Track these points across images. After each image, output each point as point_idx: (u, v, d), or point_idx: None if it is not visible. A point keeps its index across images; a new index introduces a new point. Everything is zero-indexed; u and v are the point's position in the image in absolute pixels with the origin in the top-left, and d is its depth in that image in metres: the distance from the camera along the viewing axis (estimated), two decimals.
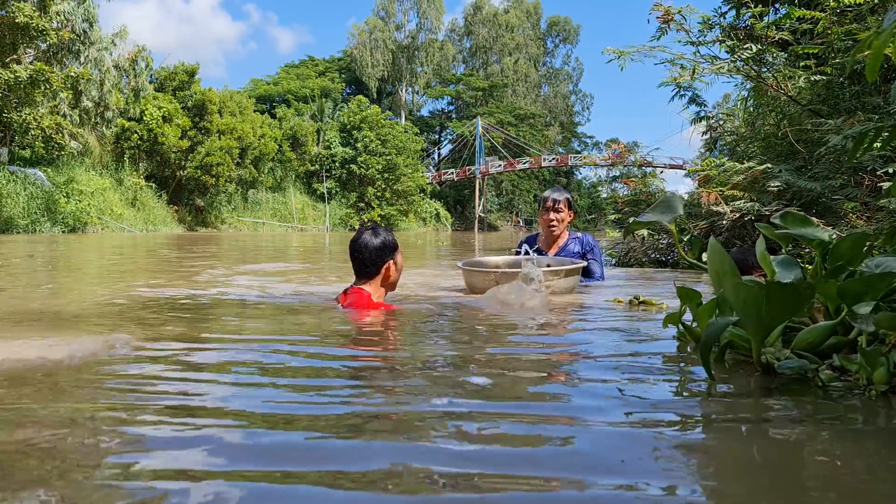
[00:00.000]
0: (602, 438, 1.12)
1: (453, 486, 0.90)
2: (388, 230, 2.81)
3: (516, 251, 4.27)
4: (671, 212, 2.06)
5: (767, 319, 1.45)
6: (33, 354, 1.75)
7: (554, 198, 4.11)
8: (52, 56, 22.83)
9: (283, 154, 38.84)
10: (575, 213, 4.35)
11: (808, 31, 5.41)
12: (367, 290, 2.71)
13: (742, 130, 8.26)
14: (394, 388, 1.47)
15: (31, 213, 21.27)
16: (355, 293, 2.72)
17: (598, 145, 71.85)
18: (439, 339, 2.20)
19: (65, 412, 1.23)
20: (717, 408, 1.33)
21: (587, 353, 1.93)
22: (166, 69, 32.47)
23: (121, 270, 5.87)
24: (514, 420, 1.21)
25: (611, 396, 1.38)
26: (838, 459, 1.03)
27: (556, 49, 71.78)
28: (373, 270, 2.71)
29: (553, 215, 4.09)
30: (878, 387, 1.36)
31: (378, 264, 2.71)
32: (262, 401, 1.32)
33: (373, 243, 2.70)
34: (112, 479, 0.91)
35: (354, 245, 2.72)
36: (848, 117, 4.91)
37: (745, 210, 5.55)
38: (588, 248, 4.13)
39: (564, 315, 2.80)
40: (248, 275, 5.19)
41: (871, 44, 1.37)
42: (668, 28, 5.50)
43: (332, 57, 61.80)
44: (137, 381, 1.48)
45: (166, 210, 29.74)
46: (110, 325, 2.42)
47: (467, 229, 50.58)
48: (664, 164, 43.23)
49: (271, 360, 1.75)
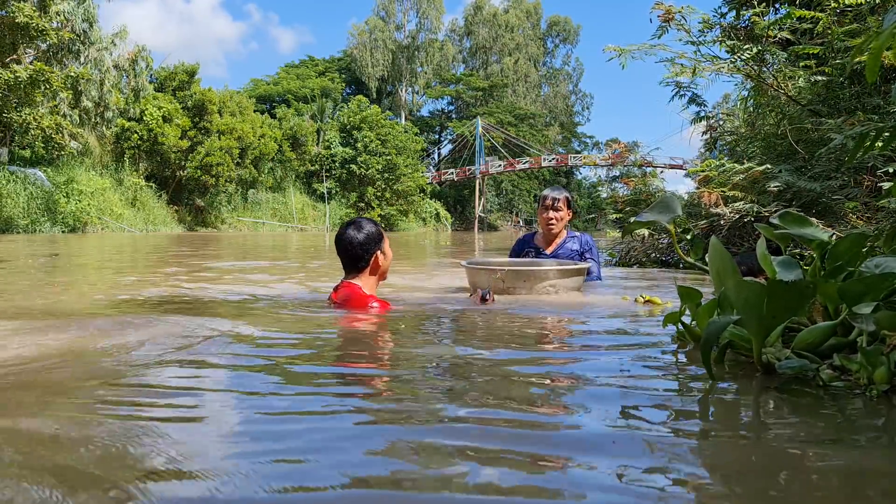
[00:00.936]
0: (602, 438, 1.12)
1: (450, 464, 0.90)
2: (371, 221, 2.79)
3: (512, 252, 4.25)
4: (669, 212, 2.06)
5: (769, 319, 1.44)
6: (29, 352, 1.75)
7: (553, 196, 4.09)
8: (52, 56, 22.82)
9: (283, 154, 38.83)
10: (574, 213, 4.32)
11: (809, 30, 5.41)
12: (357, 284, 2.72)
13: (742, 130, 8.26)
14: (389, 385, 1.47)
15: (31, 213, 21.26)
16: (346, 287, 2.74)
17: (598, 145, 71.85)
18: (433, 337, 2.20)
19: (64, 411, 1.23)
20: (719, 407, 1.33)
21: (586, 353, 1.93)
22: (166, 69, 32.46)
23: (122, 269, 5.87)
24: (509, 423, 1.21)
25: (611, 396, 1.38)
26: (841, 459, 1.02)
27: (556, 49, 71.78)
28: (363, 264, 2.73)
29: (552, 214, 4.06)
30: (880, 386, 1.36)
31: (366, 257, 2.72)
32: (254, 411, 1.32)
33: (357, 238, 2.71)
34: (111, 478, 0.92)
35: (340, 241, 2.73)
36: (848, 118, 4.91)
37: (744, 210, 5.55)
38: (587, 248, 4.11)
39: (562, 314, 2.80)
40: (237, 272, 5.19)
41: (870, 45, 1.37)
42: (669, 27, 5.50)
43: (332, 57, 61.81)
44: (137, 380, 1.48)
45: (166, 210, 29.73)
46: (111, 323, 2.42)
47: (467, 229, 50.56)
48: (664, 164, 43.22)
49: (258, 364, 1.75)
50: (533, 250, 4.15)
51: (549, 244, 4.13)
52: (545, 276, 3.29)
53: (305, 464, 0.98)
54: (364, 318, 2.57)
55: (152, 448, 1.04)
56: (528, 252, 4.16)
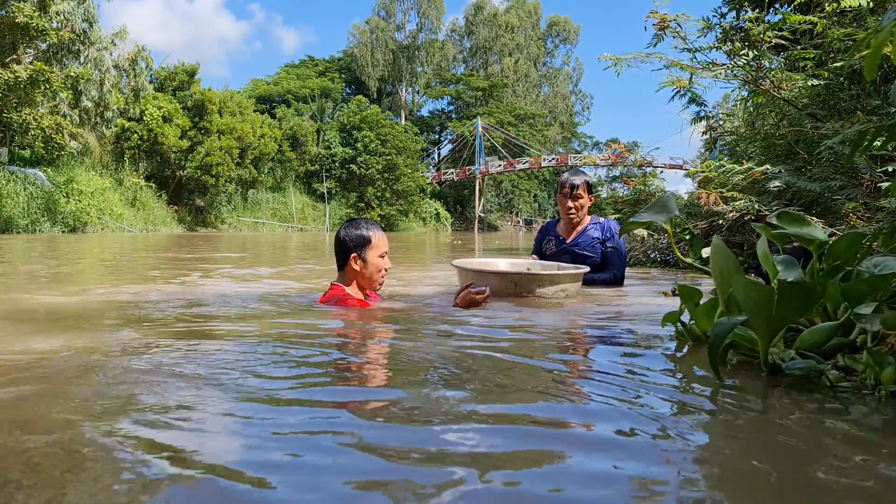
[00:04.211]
0: (602, 439, 1.11)
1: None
2: (365, 225, 2.73)
3: (533, 254, 4.00)
4: (666, 212, 2.06)
5: (777, 319, 1.43)
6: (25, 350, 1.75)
7: (572, 182, 3.79)
8: (52, 56, 22.83)
9: (283, 154, 38.83)
10: (595, 197, 4.02)
11: (808, 31, 5.40)
12: (339, 284, 2.73)
13: (742, 130, 8.25)
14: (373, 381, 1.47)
15: (30, 213, 21.26)
16: (332, 287, 2.76)
17: (598, 145, 71.90)
18: (413, 338, 2.20)
19: (62, 410, 1.23)
20: (729, 409, 1.32)
21: (585, 353, 1.93)
22: (166, 69, 32.48)
23: (124, 270, 5.87)
24: (509, 422, 1.20)
25: (611, 396, 1.38)
26: (854, 459, 1.02)
27: (556, 49, 71.75)
28: (339, 264, 2.74)
29: (570, 203, 3.78)
30: (888, 387, 1.35)
31: (340, 258, 2.72)
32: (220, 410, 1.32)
33: (339, 237, 2.73)
34: (110, 478, 0.91)
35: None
36: (846, 120, 4.91)
37: (744, 210, 5.54)
38: (608, 235, 3.78)
39: (561, 314, 2.79)
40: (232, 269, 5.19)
41: (869, 42, 1.36)
42: (664, 35, 5.49)
43: (333, 57, 61.83)
44: (136, 377, 1.48)
45: (166, 210, 29.73)
46: (110, 322, 2.42)
47: (467, 229, 50.54)
48: (664, 164, 43.23)
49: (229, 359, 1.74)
50: (553, 238, 3.91)
51: (569, 233, 3.88)
52: (559, 281, 3.14)
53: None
54: (337, 315, 2.56)
55: (149, 442, 1.04)
56: (548, 241, 3.92)
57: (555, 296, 3.13)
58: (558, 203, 3.91)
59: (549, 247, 3.90)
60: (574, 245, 3.80)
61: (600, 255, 3.78)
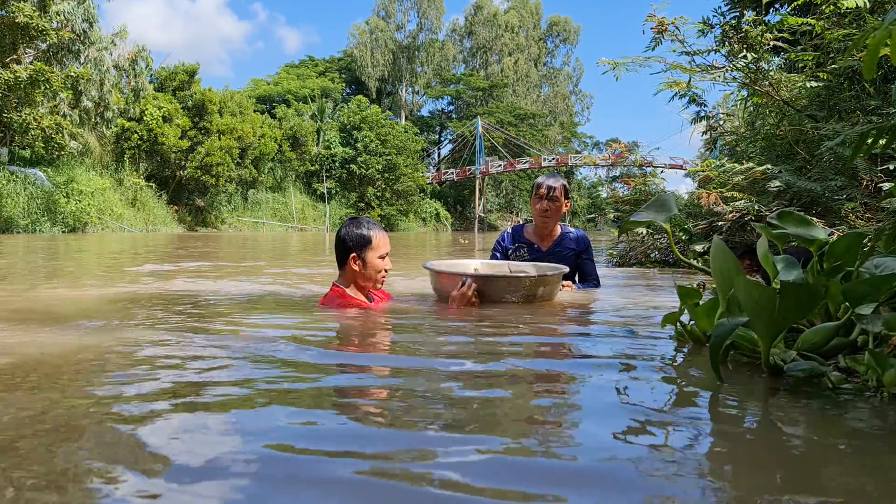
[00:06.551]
0: (601, 439, 1.11)
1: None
2: (365, 224, 2.70)
3: (494, 253, 3.77)
4: (665, 211, 2.05)
5: (779, 320, 1.42)
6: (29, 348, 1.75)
7: (549, 184, 3.60)
8: (52, 56, 22.83)
9: (283, 154, 38.82)
10: (569, 202, 3.82)
11: (807, 31, 5.40)
12: (340, 286, 2.72)
13: (742, 130, 8.26)
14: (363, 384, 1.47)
15: (31, 213, 21.26)
16: (332, 289, 2.74)
17: (599, 145, 71.92)
18: (411, 342, 2.19)
19: (62, 406, 1.22)
20: (729, 410, 1.32)
21: (585, 353, 1.92)
22: (166, 69, 32.45)
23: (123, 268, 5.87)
24: (508, 420, 1.20)
25: (611, 396, 1.37)
26: (856, 461, 1.02)
27: (556, 49, 71.73)
28: (339, 263, 2.73)
29: (547, 204, 3.59)
30: (890, 389, 1.34)
31: (340, 257, 2.71)
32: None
33: (339, 234, 2.71)
34: (110, 477, 0.91)
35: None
36: (846, 121, 4.91)
37: (744, 210, 5.54)
38: (583, 247, 3.72)
39: (561, 314, 2.79)
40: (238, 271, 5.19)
41: (867, 41, 1.36)
42: (663, 38, 5.49)
43: (333, 57, 61.77)
44: (135, 376, 1.47)
45: (166, 210, 29.72)
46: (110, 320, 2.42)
47: (467, 229, 50.54)
48: (664, 164, 43.22)
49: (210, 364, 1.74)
50: (526, 246, 3.69)
51: (543, 239, 3.70)
52: (557, 280, 3.08)
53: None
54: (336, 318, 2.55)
55: (148, 441, 1.03)
56: (519, 247, 3.70)
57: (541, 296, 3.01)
58: (532, 206, 3.74)
59: (520, 254, 3.70)
60: (551, 254, 3.65)
61: (573, 265, 3.69)
